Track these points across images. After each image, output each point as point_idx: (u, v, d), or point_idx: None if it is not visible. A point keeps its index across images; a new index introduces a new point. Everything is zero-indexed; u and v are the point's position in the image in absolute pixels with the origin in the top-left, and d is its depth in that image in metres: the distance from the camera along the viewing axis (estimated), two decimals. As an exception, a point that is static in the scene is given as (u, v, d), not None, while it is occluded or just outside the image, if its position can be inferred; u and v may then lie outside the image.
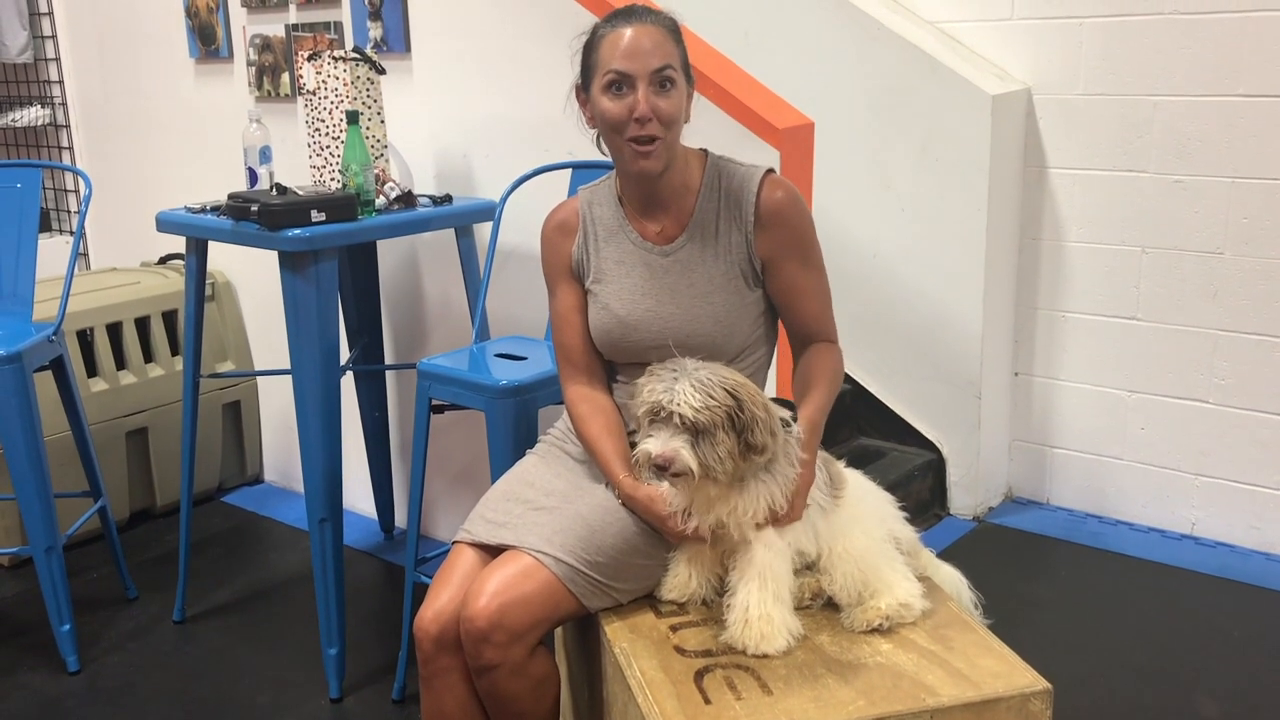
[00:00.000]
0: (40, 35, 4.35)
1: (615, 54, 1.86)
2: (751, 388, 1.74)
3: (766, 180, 1.96)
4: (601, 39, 1.90)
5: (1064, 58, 3.35)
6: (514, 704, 1.88)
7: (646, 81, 1.85)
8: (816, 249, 2.00)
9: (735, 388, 1.71)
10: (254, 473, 4.05)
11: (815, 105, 3.08)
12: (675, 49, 1.90)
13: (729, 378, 1.72)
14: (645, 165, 1.90)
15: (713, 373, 1.71)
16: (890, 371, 3.63)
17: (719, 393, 1.69)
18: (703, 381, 1.69)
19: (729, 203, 1.96)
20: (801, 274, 1.98)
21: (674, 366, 1.73)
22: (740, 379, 1.74)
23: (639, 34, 1.86)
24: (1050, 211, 3.46)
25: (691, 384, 1.69)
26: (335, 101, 2.91)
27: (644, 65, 1.85)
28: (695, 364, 1.73)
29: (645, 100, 1.85)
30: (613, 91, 1.88)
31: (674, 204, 1.98)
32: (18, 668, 2.92)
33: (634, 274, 2.00)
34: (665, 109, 1.86)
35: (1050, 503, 3.64)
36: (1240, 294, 3.20)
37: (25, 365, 2.79)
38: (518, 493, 2.02)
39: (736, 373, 1.75)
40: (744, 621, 1.75)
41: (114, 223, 4.28)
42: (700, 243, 1.97)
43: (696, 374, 1.71)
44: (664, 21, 1.91)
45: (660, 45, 1.87)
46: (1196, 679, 2.66)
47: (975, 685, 1.64)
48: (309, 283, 2.60)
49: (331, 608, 2.72)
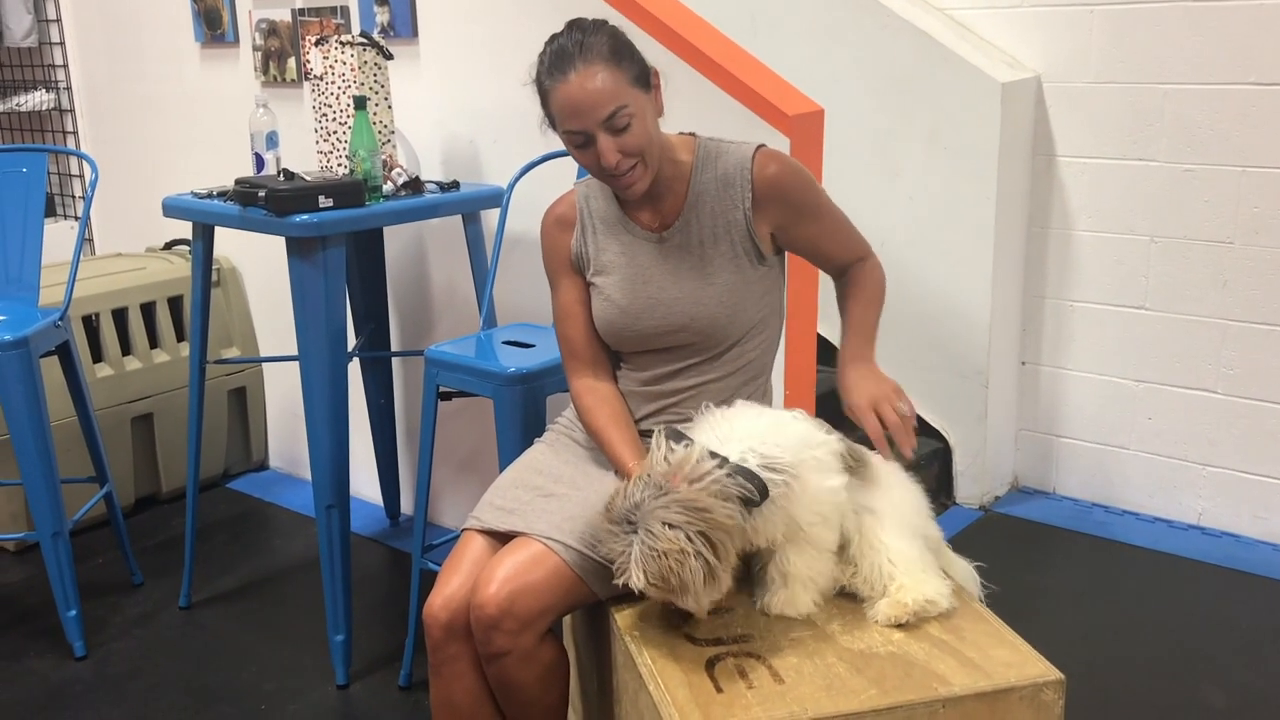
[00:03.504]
0: (45, 19, 4.33)
1: (564, 114, 1.85)
2: (714, 513, 1.65)
3: (758, 156, 1.95)
4: (548, 95, 1.86)
5: (1074, 45, 3.33)
6: (523, 692, 1.88)
7: (603, 131, 1.83)
8: (821, 197, 2.02)
9: (693, 524, 1.63)
10: (259, 459, 4.05)
11: (824, 92, 3.06)
12: (619, 76, 1.83)
13: (689, 517, 1.64)
14: (632, 192, 1.91)
15: (668, 521, 1.63)
16: (897, 360, 3.61)
17: (676, 544, 1.63)
18: (654, 544, 1.62)
19: (724, 183, 1.95)
20: (816, 227, 2.02)
21: (633, 509, 1.67)
22: (700, 506, 1.65)
23: (579, 84, 1.81)
24: (1059, 200, 3.45)
25: (642, 551, 1.63)
26: (342, 87, 2.90)
27: (593, 120, 1.82)
28: (654, 506, 1.65)
29: (607, 150, 1.84)
30: (577, 146, 1.88)
31: (668, 192, 1.98)
32: (24, 653, 2.92)
33: (634, 263, 1.99)
34: (630, 144, 1.85)
35: (1057, 492, 3.64)
36: (1250, 283, 3.19)
37: (31, 350, 2.78)
38: (527, 480, 2.02)
39: (695, 496, 1.65)
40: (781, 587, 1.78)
41: (119, 208, 4.27)
42: (698, 225, 1.96)
43: (650, 533, 1.63)
44: (600, 51, 1.82)
45: (603, 86, 1.81)
46: (1203, 669, 2.65)
47: (988, 675, 1.63)
48: (316, 269, 2.59)
49: (338, 594, 2.72)
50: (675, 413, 2.00)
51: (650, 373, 2.02)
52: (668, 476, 1.67)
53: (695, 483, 1.66)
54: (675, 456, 1.70)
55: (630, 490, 1.69)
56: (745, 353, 2.00)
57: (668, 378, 2.00)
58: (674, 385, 2.00)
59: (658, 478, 1.68)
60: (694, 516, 1.64)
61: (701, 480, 1.67)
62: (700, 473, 1.67)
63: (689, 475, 1.67)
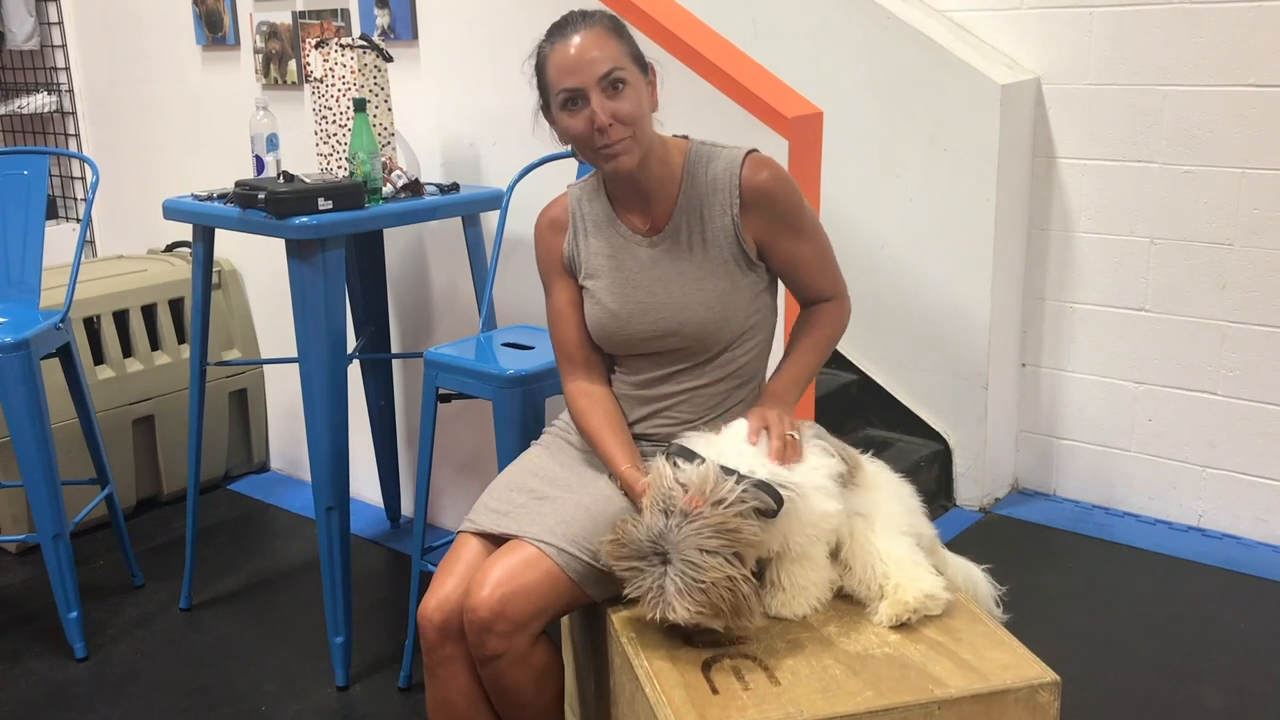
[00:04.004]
0: (47, 21, 4.34)
1: (561, 72, 1.85)
2: (742, 533, 1.67)
3: (748, 161, 1.94)
4: (546, 59, 1.89)
5: (1074, 47, 3.33)
6: (517, 694, 1.88)
7: (598, 90, 1.84)
8: (808, 216, 1.99)
9: (729, 546, 1.65)
10: (260, 461, 4.05)
11: (823, 94, 3.07)
12: (619, 46, 1.87)
13: (723, 540, 1.65)
14: (618, 165, 1.89)
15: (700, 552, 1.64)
16: (897, 362, 3.62)
17: (722, 570, 1.63)
18: (699, 575, 1.62)
19: (713, 188, 1.95)
20: (796, 245, 1.98)
21: (657, 539, 1.66)
22: (731, 528, 1.66)
23: (578, 45, 1.84)
24: (1059, 202, 3.45)
25: (685, 583, 1.63)
26: (342, 89, 2.90)
27: (590, 75, 1.84)
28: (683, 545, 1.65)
29: (600, 109, 1.84)
30: (569, 108, 1.87)
31: (658, 194, 1.97)
32: (25, 654, 2.93)
33: (625, 267, 1.99)
34: (623, 110, 1.85)
35: (1057, 494, 3.64)
36: (1249, 285, 3.19)
37: (33, 352, 2.79)
38: (522, 482, 2.02)
39: (724, 518, 1.66)
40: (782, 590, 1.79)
41: (121, 210, 4.27)
42: (687, 230, 1.96)
43: (690, 564, 1.63)
44: (601, 21, 1.88)
45: (602, 49, 1.84)
46: (1202, 671, 2.65)
47: (983, 677, 1.63)
48: (316, 271, 2.60)
49: (338, 596, 2.72)
50: (668, 416, 2.00)
51: (642, 376, 2.02)
52: (691, 500, 1.67)
53: (719, 504, 1.67)
54: (690, 476, 1.70)
55: (649, 521, 1.68)
56: (736, 358, 2.00)
57: (659, 381, 2.00)
58: (665, 389, 2.00)
59: (678, 502, 1.67)
60: (728, 539, 1.65)
61: (724, 501, 1.67)
62: (722, 493, 1.68)
63: (711, 497, 1.67)
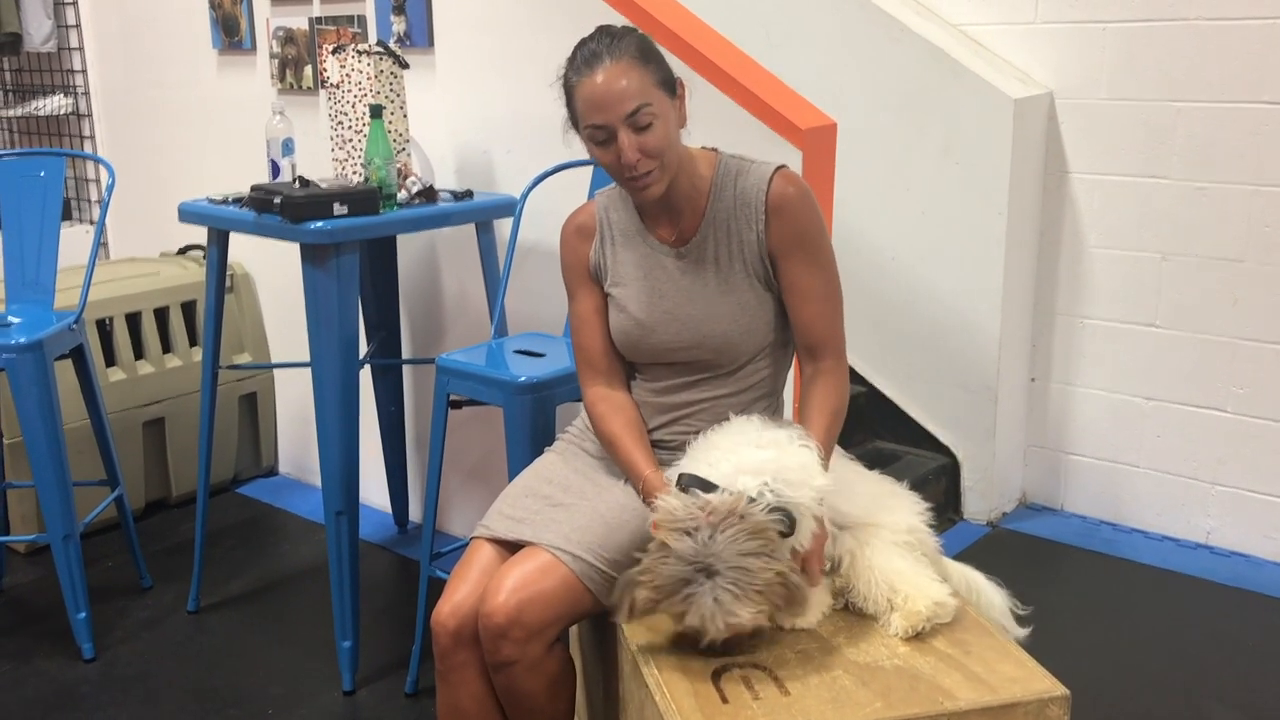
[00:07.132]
0: (64, 24, 4.36)
1: (589, 107, 1.86)
2: (769, 530, 1.69)
3: (777, 175, 1.95)
4: (574, 90, 1.88)
5: (1087, 62, 3.34)
6: (530, 700, 1.89)
7: (625, 128, 1.84)
8: (825, 251, 1.96)
9: (766, 545, 1.67)
10: (269, 464, 4.06)
11: (836, 106, 3.08)
12: (646, 75, 1.86)
13: (760, 541, 1.67)
14: (647, 195, 1.91)
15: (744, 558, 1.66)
16: (906, 375, 3.62)
17: (769, 568, 1.66)
18: (750, 579, 1.65)
19: (742, 201, 1.95)
20: (806, 273, 1.94)
21: (692, 558, 1.66)
22: (761, 527, 1.68)
23: (605, 80, 1.84)
24: (1070, 217, 3.45)
25: (737, 592, 1.65)
26: (358, 95, 2.91)
27: (617, 114, 1.84)
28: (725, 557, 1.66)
29: (628, 147, 1.84)
30: (597, 142, 1.88)
31: (686, 207, 1.98)
32: (34, 654, 2.94)
33: (651, 276, 2.00)
34: (650, 144, 1.85)
35: (1065, 509, 3.63)
36: (1261, 302, 3.19)
37: (46, 353, 2.80)
38: (536, 489, 2.02)
39: (751, 521, 1.68)
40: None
41: (135, 212, 4.29)
42: (715, 243, 1.97)
43: (738, 569, 1.65)
44: (628, 50, 1.86)
45: (629, 83, 1.84)
46: (1210, 688, 2.65)
47: (993, 690, 1.63)
48: (330, 275, 2.61)
49: (346, 600, 2.73)
50: (687, 424, 2.00)
51: (663, 384, 2.02)
52: (719, 517, 1.67)
53: (743, 518, 1.68)
54: (715, 504, 1.69)
55: (678, 546, 1.67)
56: (758, 370, 2.00)
57: (680, 389, 2.01)
58: (686, 398, 2.01)
59: (705, 519, 1.67)
60: (763, 538, 1.67)
61: (746, 515, 1.68)
62: (747, 513, 1.69)
63: (738, 515, 1.68)
